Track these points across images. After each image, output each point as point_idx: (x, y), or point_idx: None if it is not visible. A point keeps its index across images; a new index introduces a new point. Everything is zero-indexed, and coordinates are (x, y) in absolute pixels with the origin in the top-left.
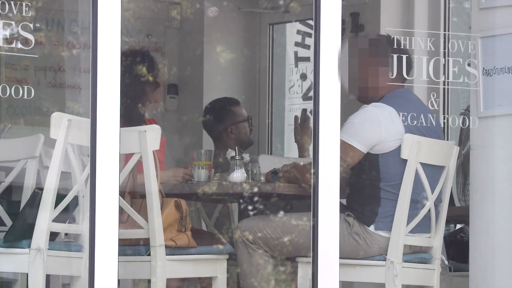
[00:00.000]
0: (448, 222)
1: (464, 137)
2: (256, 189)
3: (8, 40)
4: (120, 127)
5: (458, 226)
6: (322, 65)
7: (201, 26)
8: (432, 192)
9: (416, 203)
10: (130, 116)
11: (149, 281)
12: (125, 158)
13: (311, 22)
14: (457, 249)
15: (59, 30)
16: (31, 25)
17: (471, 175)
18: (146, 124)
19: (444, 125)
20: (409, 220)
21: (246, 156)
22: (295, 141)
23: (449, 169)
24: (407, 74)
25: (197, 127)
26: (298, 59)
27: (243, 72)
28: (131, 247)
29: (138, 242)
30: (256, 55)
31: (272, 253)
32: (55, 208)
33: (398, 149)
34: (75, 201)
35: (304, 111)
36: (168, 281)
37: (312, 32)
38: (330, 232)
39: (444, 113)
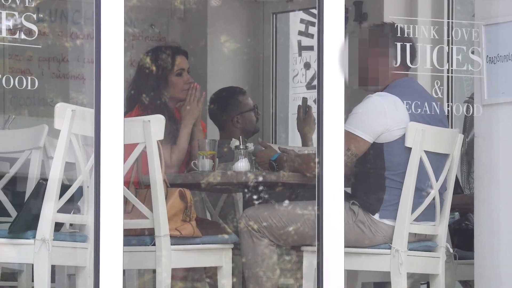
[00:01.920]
0: (453, 210)
1: (468, 125)
2: (260, 178)
3: (11, 31)
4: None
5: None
6: (325, 54)
7: (204, 16)
8: (437, 180)
9: (420, 191)
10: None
11: (154, 271)
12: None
13: (315, 11)
14: (462, 237)
15: (62, 20)
16: (34, 16)
17: (475, 163)
18: (177, 117)
19: (448, 113)
20: (413, 209)
21: (250, 146)
22: (298, 131)
23: (454, 157)
24: (411, 63)
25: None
26: (301, 48)
27: (247, 62)
28: (136, 237)
29: (143, 232)
30: (260, 45)
31: (277, 242)
32: (59, 198)
33: (403, 137)
34: (79, 192)
35: (305, 100)
36: (173, 271)
37: (316, 21)
38: (335, 221)
39: (448, 101)
